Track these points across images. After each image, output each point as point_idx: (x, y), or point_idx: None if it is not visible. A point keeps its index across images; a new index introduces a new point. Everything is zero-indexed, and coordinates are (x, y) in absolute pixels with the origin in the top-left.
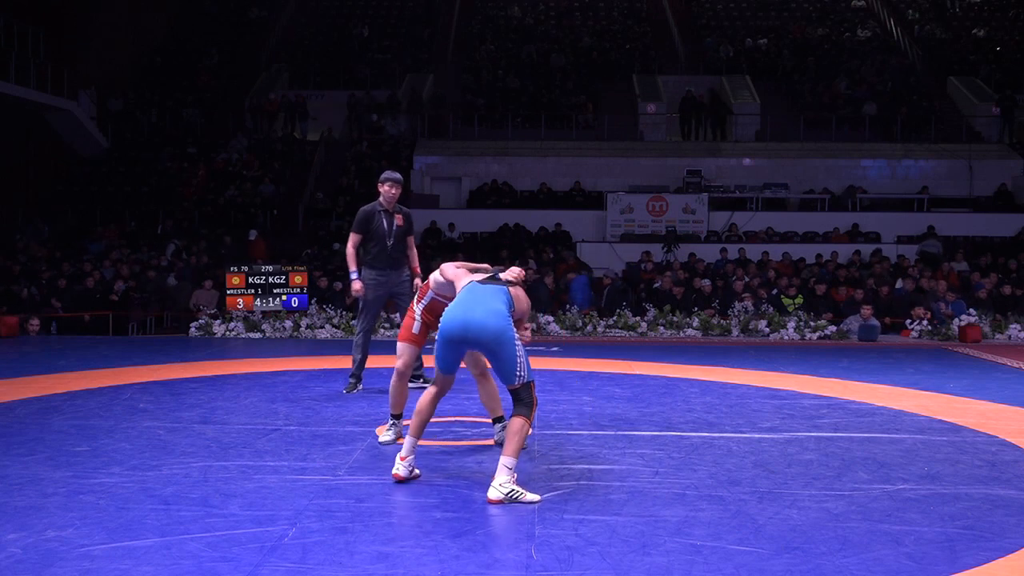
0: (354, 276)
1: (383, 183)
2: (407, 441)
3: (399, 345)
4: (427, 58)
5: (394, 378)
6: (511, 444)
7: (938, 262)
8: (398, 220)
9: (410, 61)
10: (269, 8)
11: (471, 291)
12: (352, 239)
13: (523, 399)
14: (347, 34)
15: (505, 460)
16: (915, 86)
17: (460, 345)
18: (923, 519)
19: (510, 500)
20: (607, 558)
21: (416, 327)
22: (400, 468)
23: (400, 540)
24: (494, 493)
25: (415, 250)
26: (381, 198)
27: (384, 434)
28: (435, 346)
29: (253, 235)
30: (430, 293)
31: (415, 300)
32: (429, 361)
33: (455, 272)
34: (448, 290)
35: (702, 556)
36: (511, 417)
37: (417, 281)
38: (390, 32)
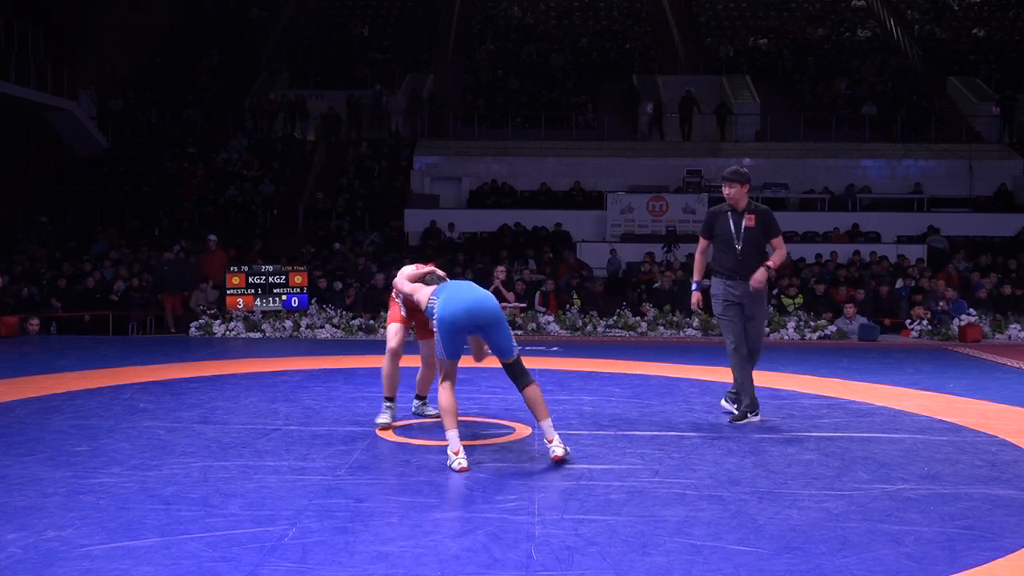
0: (694, 288)
1: (721, 182)
2: (453, 435)
3: (392, 326)
4: (427, 58)
5: (388, 360)
6: (544, 408)
7: (942, 257)
8: (748, 221)
9: (410, 61)
10: (269, 8)
11: (454, 284)
12: (699, 244)
13: (524, 370)
14: (347, 34)
15: (549, 422)
16: (915, 86)
17: (465, 330)
18: (923, 519)
19: (567, 453)
20: (607, 558)
21: (403, 311)
22: (463, 461)
23: (400, 540)
24: (560, 451)
25: (782, 254)
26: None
27: (381, 417)
28: (440, 337)
29: (212, 241)
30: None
31: (394, 292)
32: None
33: (412, 286)
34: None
35: (702, 556)
36: (527, 388)
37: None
38: (390, 32)
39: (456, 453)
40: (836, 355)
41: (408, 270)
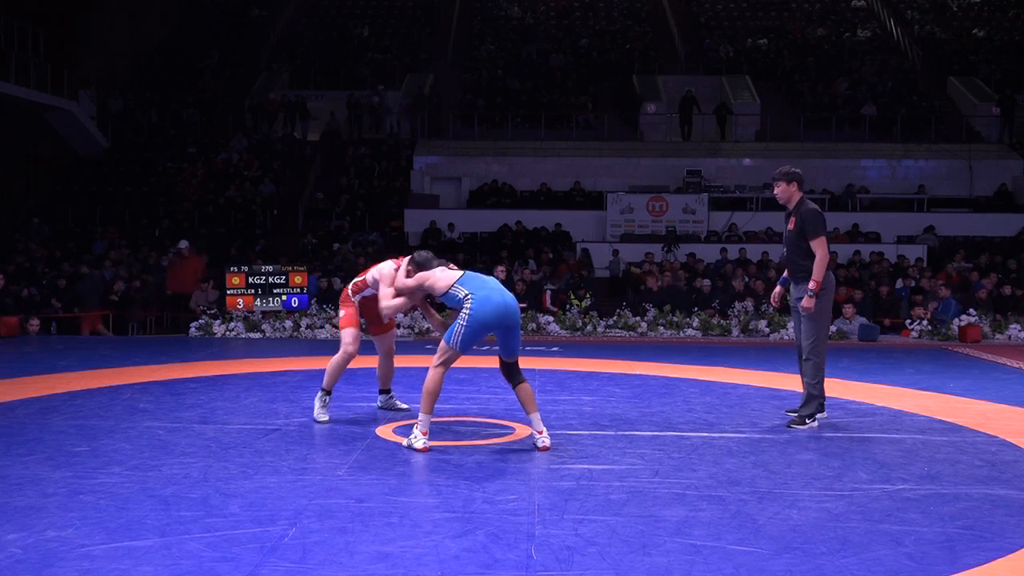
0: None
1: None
2: (427, 418)
3: (351, 332)
4: (427, 58)
5: (343, 360)
6: (534, 402)
7: (935, 256)
8: (790, 224)
9: (410, 61)
10: (269, 8)
11: (485, 281)
12: None
13: (519, 370)
14: (347, 34)
15: (538, 415)
16: (915, 86)
17: (491, 330)
18: (923, 519)
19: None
20: (607, 558)
21: (357, 313)
22: (427, 442)
23: (400, 540)
24: (547, 441)
25: (818, 261)
26: None
27: (324, 415)
28: (465, 331)
29: (184, 246)
30: (369, 290)
31: (349, 290)
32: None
33: (441, 276)
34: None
35: (702, 556)
36: (521, 384)
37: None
38: (390, 32)
39: (424, 434)
40: (836, 355)
41: (390, 268)
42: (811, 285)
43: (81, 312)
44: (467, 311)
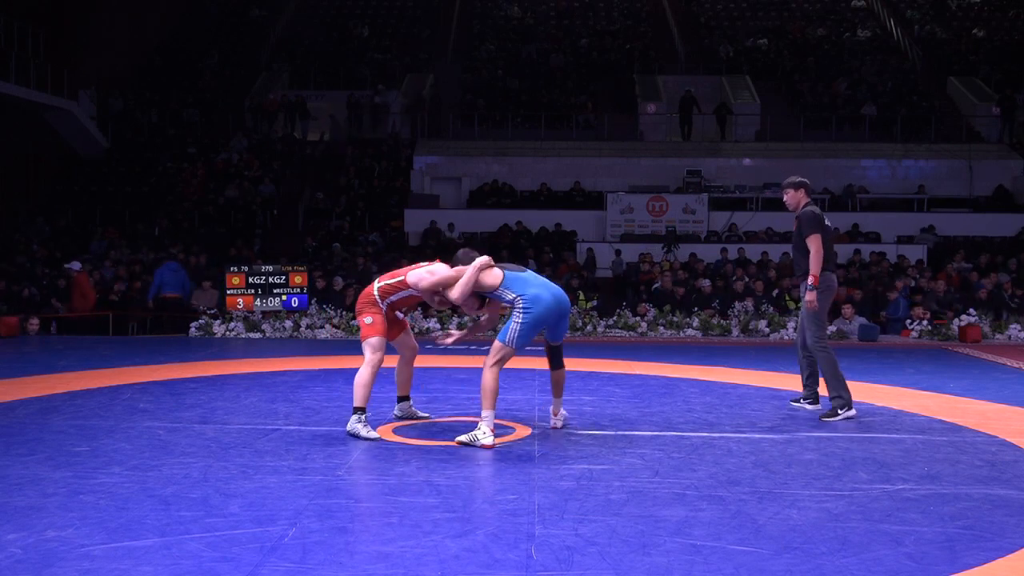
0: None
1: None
2: (491, 415)
3: (378, 340)
4: (427, 58)
5: (371, 373)
6: (562, 388)
7: (934, 256)
8: (794, 226)
9: (410, 61)
10: (269, 8)
11: (523, 279)
12: None
13: (562, 355)
14: (347, 34)
15: (561, 400)
16: (915, 86)
17: (548, 322)
18: (923, 519)
19: (564, 425)
20: (607, 558)
21: (385, 320)
22: (493, 438)
23: (400, 540)
24: (561, 423)
25: (813, 256)
26: None
27: (371, 432)
28: (521, 329)
29: (76, 268)
30: (405, 292)
31: (376, 293)
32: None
33: (488, 273)
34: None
35: (702, 556)
36: (559, 369)
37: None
38: (390, 32)
39: (492, 431)
40: (836, 355)
41: (443, 267)
42: (809, 280)
43: None
44: (521, 311)
